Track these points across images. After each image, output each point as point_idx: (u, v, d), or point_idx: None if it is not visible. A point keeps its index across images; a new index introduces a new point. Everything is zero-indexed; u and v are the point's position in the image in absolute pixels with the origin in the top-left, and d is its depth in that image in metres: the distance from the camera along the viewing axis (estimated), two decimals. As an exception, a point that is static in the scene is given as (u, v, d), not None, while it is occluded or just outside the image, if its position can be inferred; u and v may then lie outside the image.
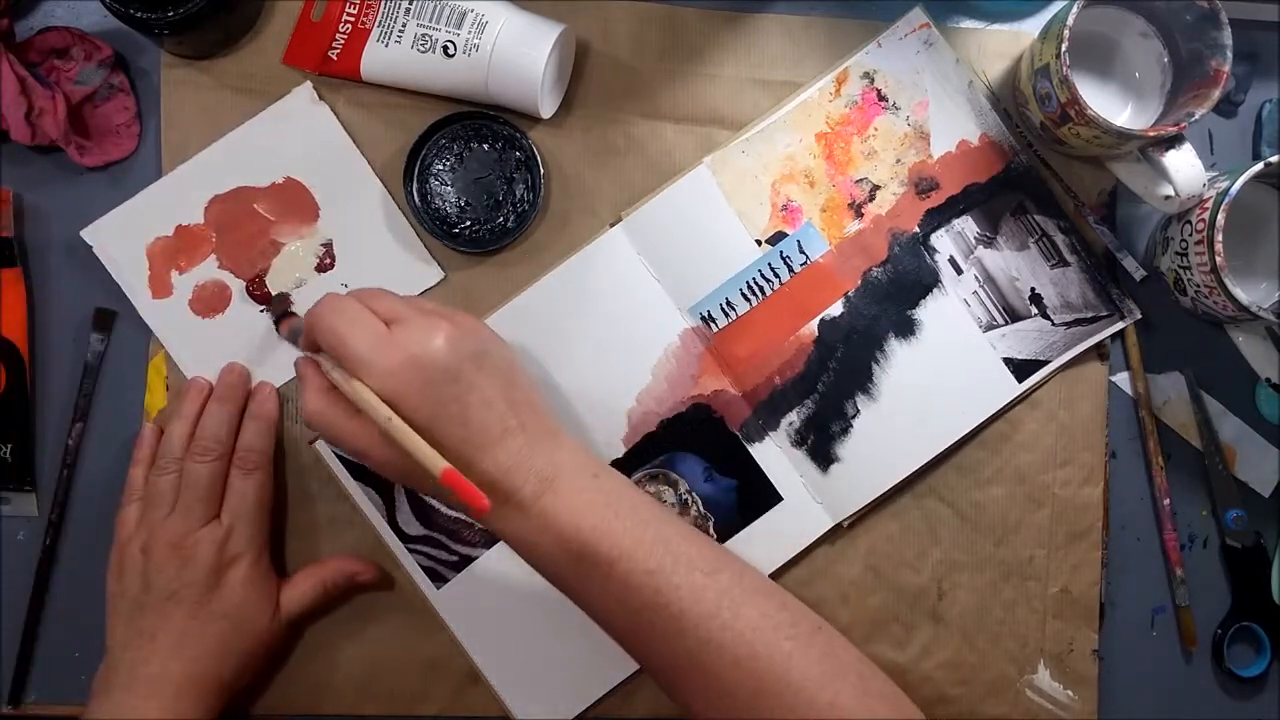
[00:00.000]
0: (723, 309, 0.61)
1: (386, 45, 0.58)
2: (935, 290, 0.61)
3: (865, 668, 0.52)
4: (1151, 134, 0.55)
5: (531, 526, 0.50)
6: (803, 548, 0.61)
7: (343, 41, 0.59)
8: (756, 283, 0.61)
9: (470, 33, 0.57)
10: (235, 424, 0.59)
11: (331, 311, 0.50)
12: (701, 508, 0.61)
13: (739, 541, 0.61)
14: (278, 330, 0.60)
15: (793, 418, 0.61)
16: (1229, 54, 0.55)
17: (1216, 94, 0.55)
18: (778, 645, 0.50)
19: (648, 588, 0.50)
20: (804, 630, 0.51)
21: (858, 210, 0.61)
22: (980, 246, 0.62)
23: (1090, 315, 0.62)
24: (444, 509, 0.61)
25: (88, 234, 0.60)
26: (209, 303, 0.61)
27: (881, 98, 0.62)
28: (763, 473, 0.61)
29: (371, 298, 0.51)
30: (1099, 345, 0.62)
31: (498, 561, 0.61)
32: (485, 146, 0.60)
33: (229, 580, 0.56)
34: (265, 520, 0.58)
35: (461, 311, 0.53)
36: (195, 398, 0.59)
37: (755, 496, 0.61)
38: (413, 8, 0.58)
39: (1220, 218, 0.55)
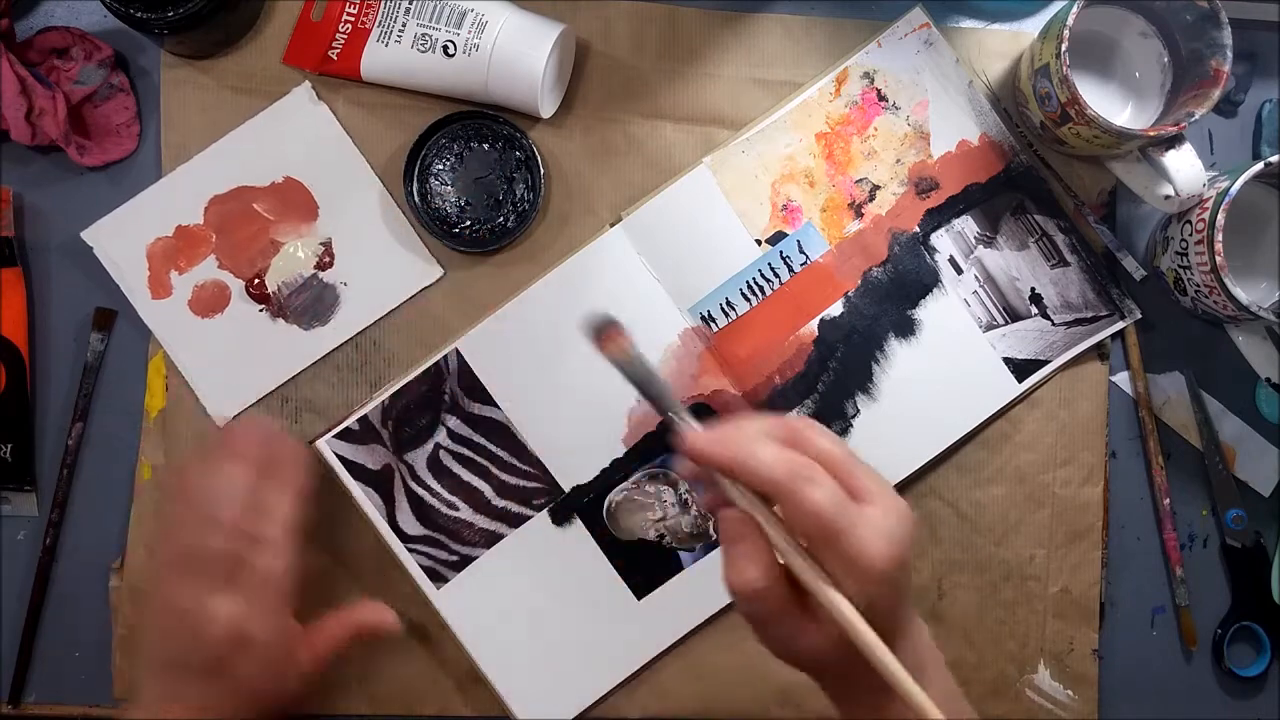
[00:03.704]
0: (723, 309, 0.61)
1: (386, 45, 0.58)
2: (935, 290, 0.61)
3: None
4: (1151, 134, 0.55)
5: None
6: (803, 548, 0.61)
7: (343, 41, 0.59)
8: (756, 282, 0.61)
9: (470, 32, 0.57)
10: (265, 492, 0.53)
11: (821, 491, 0.39)
12: (702, 507, 0.61)
13: (739, 541, 0.61)
14: (599, 335, 0.46)
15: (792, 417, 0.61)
16: (1229, 54, 0.55)
17: (1216, 94, 0.55)
18: None
19: None
20: None
21: (858, 210, 0.61)
22: (980, 246, 0.62)
23: (1090, 315, 0.62)
24: (444, 509, 0.61)
25: (88, 235, 0.60)
26: (208, 303, 0.61)
27: (881, 98, 0.62)
28: (763, 473, 0.61)
29: (841, 463, 0.41)
30: (1099, 345, 0.62)
31: (498, 561, 0.61)
32: (485, 146, 0.60)
33: (246, 658, 0.51)
34: (287, 592, 0.53)
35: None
36: (231, 454, 0.54)
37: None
38: (413, 8, 0.58)
39: (1220, 217, 0.55)
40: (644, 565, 0.61)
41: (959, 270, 0.62)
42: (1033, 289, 0.62)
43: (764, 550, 0.41)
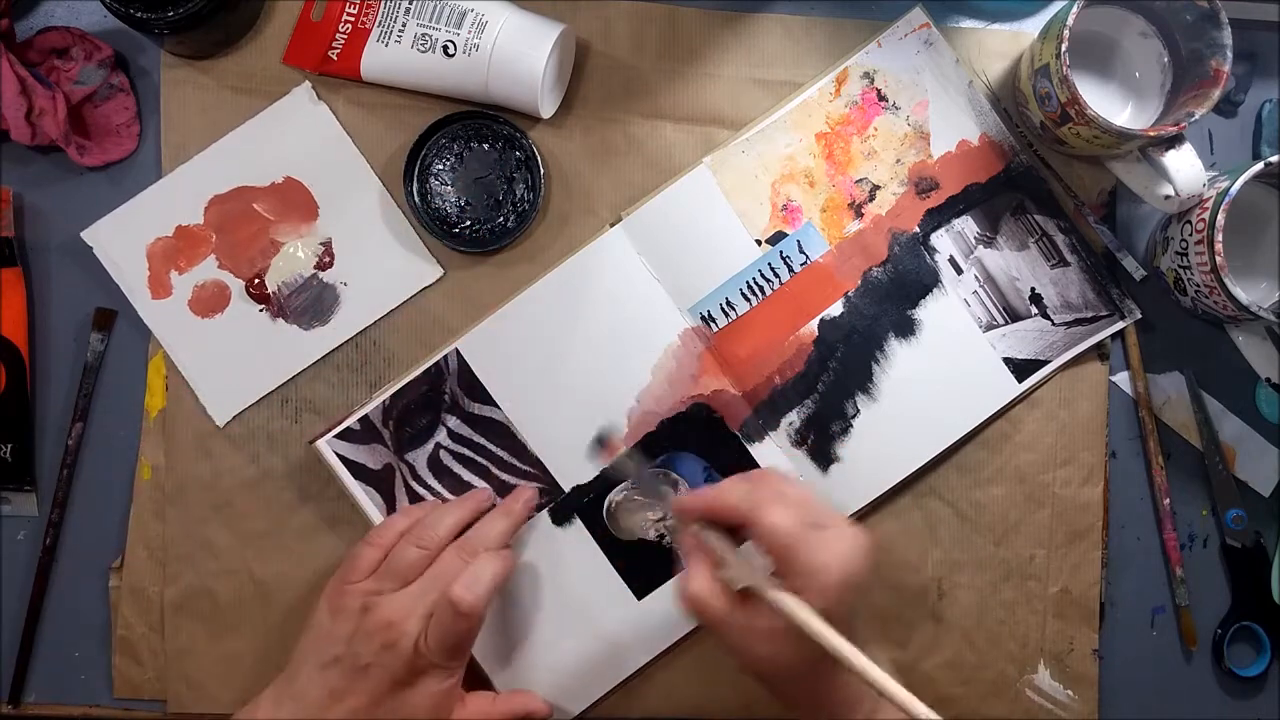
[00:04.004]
0: (723, 309, 0.61)
1: (386, 45, 0.58)
2: (935, 290, 0.61)
3: None
4: (1151, 134, 0.55)
5: None
6: (803, 548, 0.61)
7: (343, 41, 0.59)
8: (756, 282, 0.61)
9: (470, 33, 0.57)
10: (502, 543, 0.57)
11: (781, 513, 0.47)
12: (701, 508, 0.61)
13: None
14: (601, 446, 0.60)
15: (793, 417, 0.61)
16: (1229, 54, 0.55)
17: (1216, 94, 0.55)
18: None
19: None
20: None
21: (858, 210, 0.61)
22: (980, 246, 0.62)
23: (1090, 315, 0.62)
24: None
25: (88, 235, 0.60)
26: (208, 303, 0.61)
27: (881, 98, 0.62)
28: (763, 473, 0.61)
29: (799, 494, 0.49)
30: (1099, 345, 0.62)
31: (498, 561, 0.61)
32: (485, 146, 0.60)
33: (420, 686, 0.53)
34: (472, 643, 0.54)
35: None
36: (484, 500, 0.59)
37: (755, 496, 0.61)
38: (413, 8, 0.58)
39: (1220, 218, 0.55)
40: (644, 565, 0.61)
41: (959, 270, 0.62)
42: (1033, 289, 0.62)
43: (711, 572, 0.49)
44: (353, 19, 0.59)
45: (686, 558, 0.50)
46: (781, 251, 0.61)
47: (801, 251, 0.61)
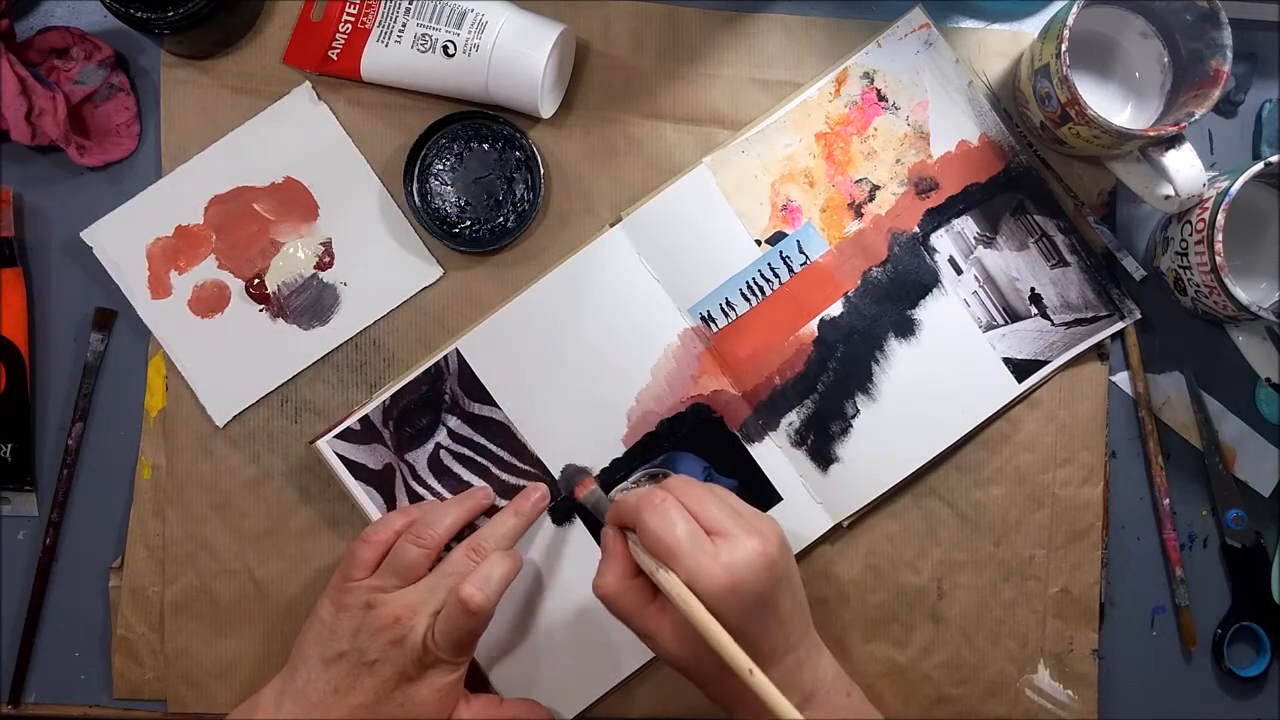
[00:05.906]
0: (722, 309, 0.61)
1: (386, 45, 0.58)
2: (935, 290, 0.61)
3: None
4: (1151, 134, 0.55)
5: None
6: (803, 548, 0.61)
7: (343, 41, 0.59)
8: (756, 283, 0.61)
9: (470, 33, 0.57)
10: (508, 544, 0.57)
11: (659, 518, 0.49)
12: (701, 508, 0.61)
13: (739, 541, 0.61)
14: (573, 494, 0.60)
15: (792, 418, 0.61)
16: (1229, 54, 0.55)
17: (1216, 94, 0.55)
18: None
19: None
20: None
21: (857, 210, 0.61)
22: (980, 246, 0.62)
23: (1090, 315, 0.62)
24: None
25: (87, 236, 0.60)
26: (208, 303, 0.61)
27: (881, 98, 0.62)
28: (762, 473, 0.61)
29: (697, 502, 0.50)
30: (1099, 345, 0.62)
31: (498, 561, 0.61)
32: (485, 146, 0.60)
33: (426, 680, 0.53)
34: (476, 642, 0.55)
35: (767, 518, 0.52)
36: (483, 500, 0.59)
37: (755, 496, 0.61)
38: (413, 8, 0.58)
39: (1220, 218, 0.55)
40: (644, 565, 0.61)
41: (959, 270, 0.62)
42: (1032, 289, 0.62)
43: (622, 561, 0.51)
44: (353, 19, 0.59)
45: (603, 554, 0.53)
46: (781, 251, 0.61)
47: (801, 251, 0.61)
